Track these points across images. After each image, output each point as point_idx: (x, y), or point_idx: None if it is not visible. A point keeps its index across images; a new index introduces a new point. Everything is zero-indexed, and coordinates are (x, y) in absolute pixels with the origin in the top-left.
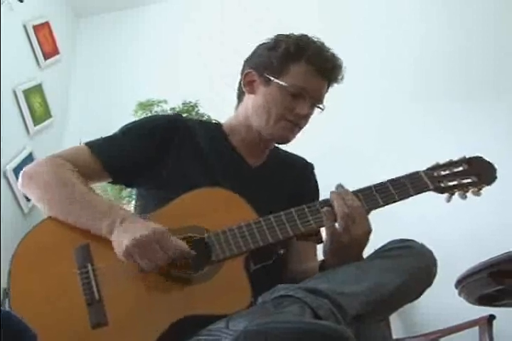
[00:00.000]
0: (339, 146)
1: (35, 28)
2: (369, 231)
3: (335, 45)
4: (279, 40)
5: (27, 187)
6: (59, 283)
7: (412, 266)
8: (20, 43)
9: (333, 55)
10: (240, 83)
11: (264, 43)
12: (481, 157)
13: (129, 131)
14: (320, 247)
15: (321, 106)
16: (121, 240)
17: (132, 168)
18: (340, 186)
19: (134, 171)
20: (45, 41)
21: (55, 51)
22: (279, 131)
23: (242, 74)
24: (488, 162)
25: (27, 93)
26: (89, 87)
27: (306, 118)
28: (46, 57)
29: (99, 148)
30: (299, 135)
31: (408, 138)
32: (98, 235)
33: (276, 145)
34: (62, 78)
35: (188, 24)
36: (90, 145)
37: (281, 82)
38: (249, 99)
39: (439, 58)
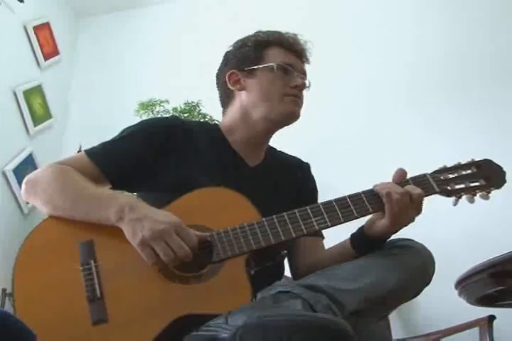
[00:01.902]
0: (333, 145)
1: (36, 28)
2: (419, 214)
3: (331, 45)
4: (242, 40)
5: (30, 194)
6: (62, 280)
7: (411, 264)
8: (21, 44)
9: (295, 35)
10: (222, 91)
11: (229, 50)
12: (489, 160)
13: (129, 135)
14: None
15: (306, 81)
16: (136, 229)
17: (131, 173)
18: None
19: (133, 176)
20: (45, 42)
21: (56, 52)
22: (286, 107)
23: (220, 82)
24: (497, 165)
25: (27, 94)
26: (90, 87)
27: (302, 89)
28: (46, 57)
29: (97, 154)
30: (293, 133)
31: (404, 138)
32: (102, 230)
33: (273, 147)
34: (62, 79)
35: (190, 24)
36: (89, 152)
37: (266, 65)
38: (241, 96)
39: (435, 60)
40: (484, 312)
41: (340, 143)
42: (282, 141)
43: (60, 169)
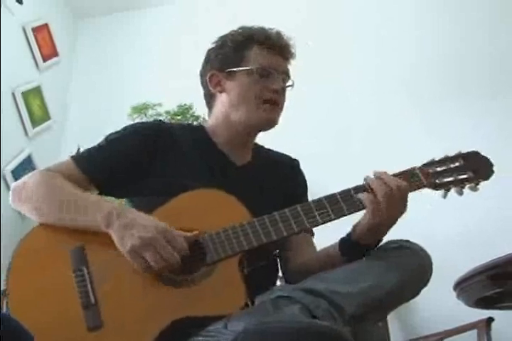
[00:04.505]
0: (334, 147)
1: (34, 29)
2: (403, 211)
3: (330, 46)
4: (223, 38)
5: (17, 201)
6: (55, 287)
7: (408, 266)
8: (19, 45)
9: (278, 32)
10: (205, 92)
11: (211, 48)
12: (477, 152)
13: (118, 139)
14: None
15: (290, 81)
16: (125, 237)
17: (121, 177)
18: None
19: (123, 180)
20: (44, 43)
21: (54, 53)
22: (263, 114)
23: (203, 82)
24: (484, 157)
25: (26, 95)
26: (89, 88)
27: (283, 94)
28: (45, 59)
29: (84, 160)
30: (291, 135)
31: (403, 137)
32: (92, 236)
33: (261, 145)
34: (61, 80)
35: (189, 26)
36: (75, 158)
37: (245, 68)
38: (221, 98)
39: (434, 61)
40: (482, 314)
41: (340, 142)
42: (279, 141)
43: (46, 176)
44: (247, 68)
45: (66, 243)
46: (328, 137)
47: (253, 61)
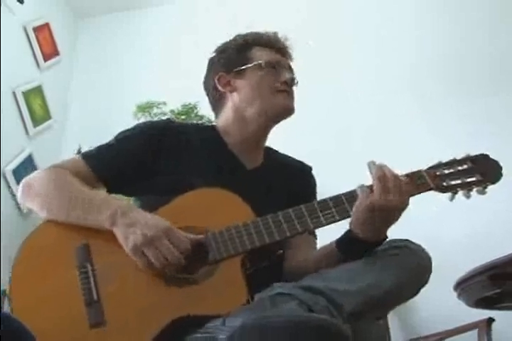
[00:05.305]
0: (335, 146)
1: (35, 29)
2: (402, 207)
3: (330, 46)
4: (224, 45)
5: (27, 196)
6: (59, 285)
7: (407, 265)
8: (20, 45)
9: (275, 34)
10: (213, 94)
11: (212, 56)
12: (486, 155)
13: (126, 138)
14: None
15: (294, 76)
16: (127, 235)
17: (128, 176)
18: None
19: (131, 178)
20: (45, 42)
21: (55, 52)
22: (279, 102)
23: (209, 86)
24: (494, 160)
25: (27, 94)
26: (90, 88)
27: (292, 84)
28: (46, 58)
29: (93, 158)
30: (290, 135)
31: (404, 137)
32: (98, 233)
33: (275, 149)
34: (61, 79)
35: (188, 26)
36: (84, 156)
37: (255, 63)
38: (232, 97)
39: (434, 61)
40: (483, 314)
41: (340, 142)
42: (279, 140)
43: (55, 172)
44: (256, 63)
45: (71, 240)
46: (329, 137)
47: (258, 58)
